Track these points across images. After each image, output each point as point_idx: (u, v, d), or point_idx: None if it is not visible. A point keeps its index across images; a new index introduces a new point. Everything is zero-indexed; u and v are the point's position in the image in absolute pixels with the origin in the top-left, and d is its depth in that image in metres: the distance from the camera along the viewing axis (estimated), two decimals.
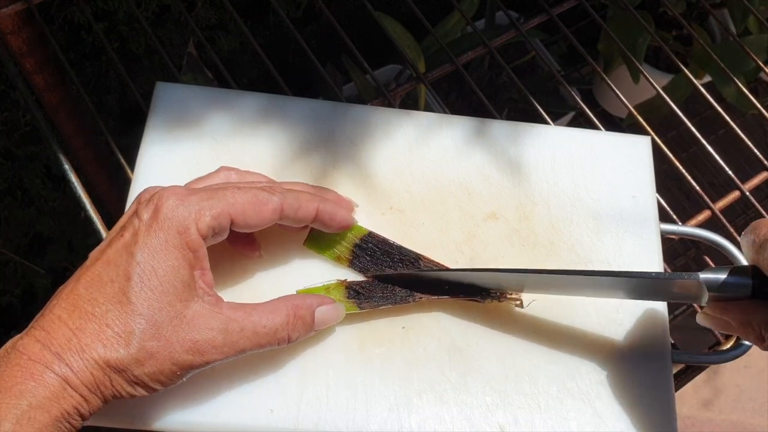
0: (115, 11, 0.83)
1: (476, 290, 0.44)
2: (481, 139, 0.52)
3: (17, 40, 0.57)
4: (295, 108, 0.51)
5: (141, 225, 0.36)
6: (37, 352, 0.33)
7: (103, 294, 0.35)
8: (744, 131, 0.60)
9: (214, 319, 0.37)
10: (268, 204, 0.39)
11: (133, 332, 0.35)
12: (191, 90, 0.51)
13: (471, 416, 0.42)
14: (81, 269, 0.37)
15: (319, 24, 1.04)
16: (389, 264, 0.45)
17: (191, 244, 0.37)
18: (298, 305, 0.40)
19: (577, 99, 0.61)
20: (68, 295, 0.35)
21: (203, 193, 0.38)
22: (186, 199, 0.37)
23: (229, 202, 0.38)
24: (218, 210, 0.38)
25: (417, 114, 0.52)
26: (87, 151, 0.72)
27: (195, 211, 0.37)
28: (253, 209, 0.39)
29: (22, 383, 0.33)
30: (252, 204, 0.39)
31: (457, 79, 1.08)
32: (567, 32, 0.63)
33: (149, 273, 0.35)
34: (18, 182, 0.94)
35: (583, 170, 0.51)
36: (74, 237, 1.06)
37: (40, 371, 0.33)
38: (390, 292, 0.44)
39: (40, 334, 0.34)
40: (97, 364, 0.34)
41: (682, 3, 0.96)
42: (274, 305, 0.39)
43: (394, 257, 0.46)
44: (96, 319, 0.35)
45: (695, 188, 0.56)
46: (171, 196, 0.37)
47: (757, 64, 0.65)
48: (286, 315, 0.39)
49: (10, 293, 1.07)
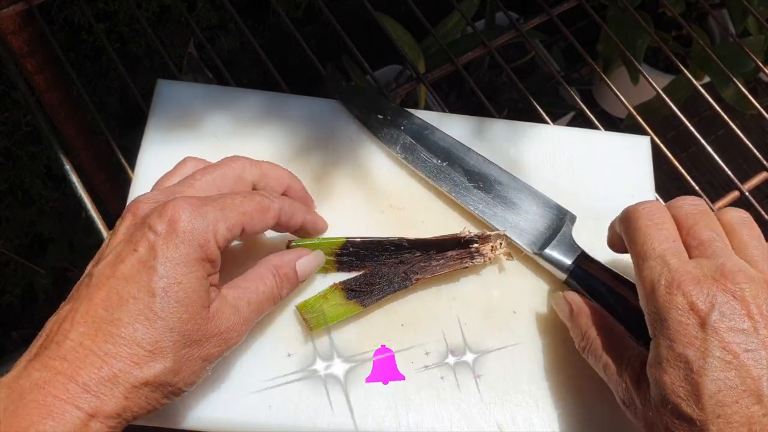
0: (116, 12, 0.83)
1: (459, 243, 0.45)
2: (480, 138, 0.52)
3: (18, 40, 0.57)
4: (295, 106, 0.51)
5: (158, 239, 0.35)
6: (61, 387, 0.31)
7: (128, 313, 0.34)
8: (743, 131, 0.60)
9: (227, 306, 0.37)
10: (270, 211, 0.40)
11: (166, 346, 0.34)
12: (192, 88, 0.51)
13: (469, 414, 0.43)
14: (89, 288, 0.35)
15: (319, 24, 1.04)
16: (375, 257, 0.45)
17: (210, 256, 0.36)
18: (278, 265, 0.41)
19: (576, 99, 0.61)
20: (85, 317, 0.33)
21: (215, 203, 0.37)
22: (201, 210, 0.36)
23: (240, 212, 0.38)
24: (233, 221, 0.38)
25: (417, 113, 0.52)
26: (87, 151, 0.72)
27: (212, 223, 0.36)
28: (259, 216, 0.39)
29: (39, 423, 0.30)
30: (258, 212, 0.39)
31: (457, 79, 1.08)
32: (567, 33, 0.63)
33: (174, 287, 0.35)
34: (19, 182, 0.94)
35: (583, 170, 0.52)
36: (74, 237, 1.06)
37: (60, 408, 0.31)
38: (387, 280, 0.44)
39: (61, 365, 0.32)
40: (134, 387, 0.33)
41: (682, 3, 0.96)
42: (259, 272, 0.40)
43: (378, 248, 0.45)
44: (125, 341, 0.33)
45: (695, 188, 0.56)
46: (186, 207, 0.36)
47: (757, 64, 0.65)
48: (273, 276, 0.40)
49: (10, 293, 1.07)
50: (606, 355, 0.40)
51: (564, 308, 0.43)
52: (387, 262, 0.45)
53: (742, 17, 0.90)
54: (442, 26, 0.91)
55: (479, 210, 0.48)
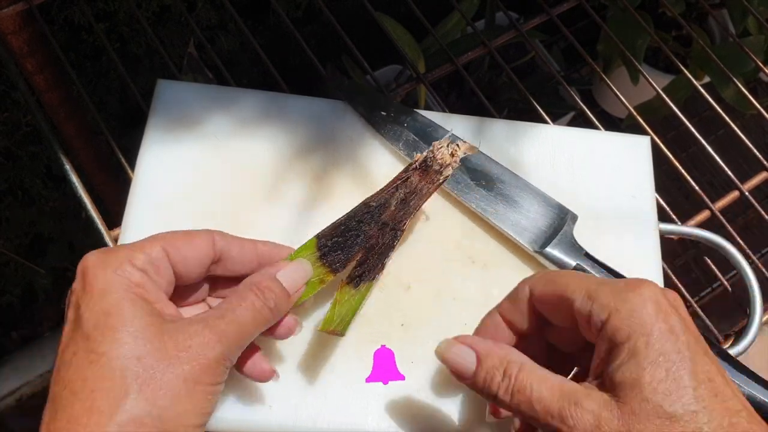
0: (116, 12, 0.83)
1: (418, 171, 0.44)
2: (480, 138, 0.52)
3: (18, 40, 0.57)
4: (295, 106, 0.51)
5: (76, 292, 0.34)
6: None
7: (76, 374, 0.32)
8: (743, 131, 0.60)
9: (188, 322, 0.35)
10: (199, 234, 0.38)
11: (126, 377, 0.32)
12: (192, 88, 0.51)
13: (470, 413, 0.43)
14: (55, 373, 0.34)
15: (319, 24, 1.04)
16: (357, 236, 0.43)
17: (132, 278, 0.35)
18: (256, 281, 0.38)
19: (576, 99, 0.61)
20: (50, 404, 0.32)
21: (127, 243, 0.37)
22: (107, 250, 0.36)
23: (156, 237, 0.37)
24: (146, 242, 0.36)
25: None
26: (87, 152, 0.72)
27: (123, 252, 0.36)
28: (184, 238, 0.38)
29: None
30: (183, 234, 0.38)
31: (457, 79, 1.08)
32: (567, 33, 0.63)
33: (103, 319, 0.33)
34: (19, 182, 0.94)
35: (583, 170, 0.52)
36: (74, 237, 1.06)
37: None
38: (385, 246, 0.43)
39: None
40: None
41: (682, 3, 0.96)
42: (238, 292, 0.38)
43: (353, 227, 0.43)
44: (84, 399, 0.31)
45: (695, 188, 0.56)
46: (91, 253, 0.35)
47: (757, 64, 0.65)
48: (252, 292, 0.37)
49: (10, 293, 1.07)
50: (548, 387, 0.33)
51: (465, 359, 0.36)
52: (372, 233, 0.43)
53: (742, 17, 0.90)
54: (442, 26, 0.91)
55: (481, 207, 0.48)
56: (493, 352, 0.35)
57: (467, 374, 0.35)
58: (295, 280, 0.40)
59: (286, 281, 0.39)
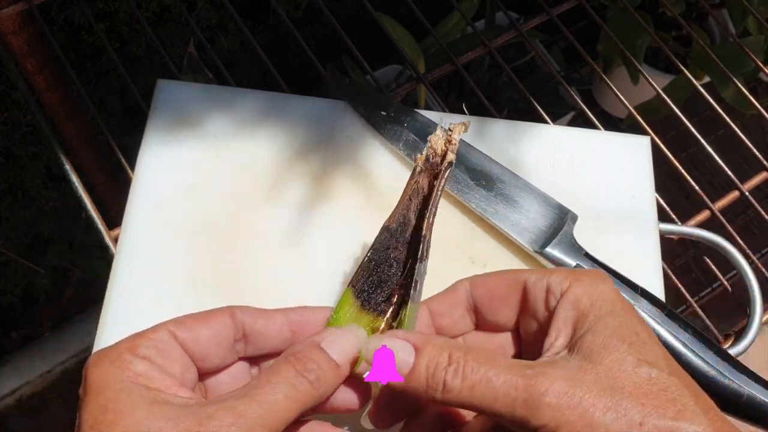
0: (116, 12, 0.83)
1: (425, 172, 0.41)
2: (480, 138, 0.52)
3: (18, 40, 0.57)
4: (295, 107, 0.51)
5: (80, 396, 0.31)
6: None
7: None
8: (743, 131, 0.60)
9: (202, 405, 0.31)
10: (215, 310, 0.35)
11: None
12: (192, 88, 0.51)
13: None
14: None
15: (319, 24, 1.04)
16: (387, 268, 0.40)
17: (133, 367, 0.31)
18: (295, 351, 0.33)
19: (576, 99, 0.61)
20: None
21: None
22: (110, 345, 0.33)
23: (165, 321, 0.34)
24: (151, 328, 0.33)
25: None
26: (87, 152, 0.72)
27: (125, 343, 0.33)
28: (196, 316, 0.34)
29: None
30: (196, 314, 0.34)
31: (457, 79, 1.08)
32: (567, 33, 0.63)
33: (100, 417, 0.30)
34: (19, 182, 0.94)
35: (583, 170, 0.52)
36: (75, 237, 1.06)
37: None
38: (395, 260, 0.40)
39: None
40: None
41: (682, 3, 0.96)
42: (273, 366, 0.33)
43: (380, 260, 0.40)
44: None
45: (695, 188, 0.56)
46: (94, 351, 0.34)
47: (757, 64, 0.65)
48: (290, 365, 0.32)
49: (10, 293, 1.07)
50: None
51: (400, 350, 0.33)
52: (402, 257, 0.40)
53: (742, 17, 0.90)
54: (442, 26, 0.91)
55: (481, 207, 0.48)
56: (432, 340, 0.32)
57: (404, 369, 0.32)
58: (344, 348, 0.34)
59: (334, 351, 0.34)
